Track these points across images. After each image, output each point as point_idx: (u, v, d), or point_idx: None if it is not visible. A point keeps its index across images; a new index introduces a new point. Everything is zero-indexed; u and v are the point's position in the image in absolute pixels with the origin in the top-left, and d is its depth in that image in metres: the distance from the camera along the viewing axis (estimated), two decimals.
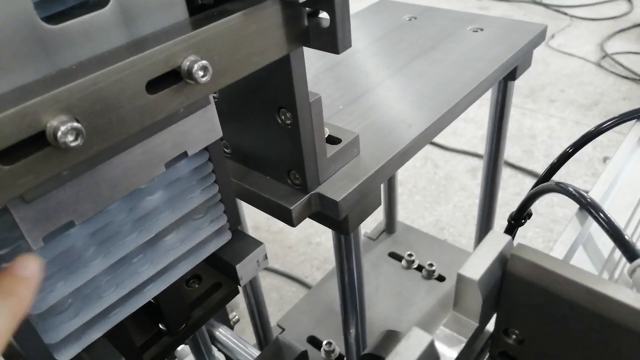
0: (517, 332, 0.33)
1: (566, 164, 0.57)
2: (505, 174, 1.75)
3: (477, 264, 0.30)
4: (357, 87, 0.65)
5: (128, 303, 0.39)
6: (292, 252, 1.62)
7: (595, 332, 0.29)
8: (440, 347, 0.30)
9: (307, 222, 0.51)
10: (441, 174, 1.85)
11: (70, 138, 0.26)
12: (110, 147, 0.29)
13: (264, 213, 0.51)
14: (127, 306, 0.39)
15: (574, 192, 0.41)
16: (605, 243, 0.42)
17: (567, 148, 0.59)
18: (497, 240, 0.31)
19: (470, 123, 2.06)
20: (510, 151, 1.88)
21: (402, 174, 1.84)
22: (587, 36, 2.57)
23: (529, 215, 0.54)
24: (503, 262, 0.31)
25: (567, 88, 2.21)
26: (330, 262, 1.52)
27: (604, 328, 0.28)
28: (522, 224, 0.54)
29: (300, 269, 1.57)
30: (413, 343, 0.26)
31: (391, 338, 0.38)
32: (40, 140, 0.26)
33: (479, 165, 1.85)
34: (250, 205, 0.53)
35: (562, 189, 0.43)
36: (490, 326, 0.36)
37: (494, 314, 0.34)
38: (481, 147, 1.93)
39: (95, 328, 0.37)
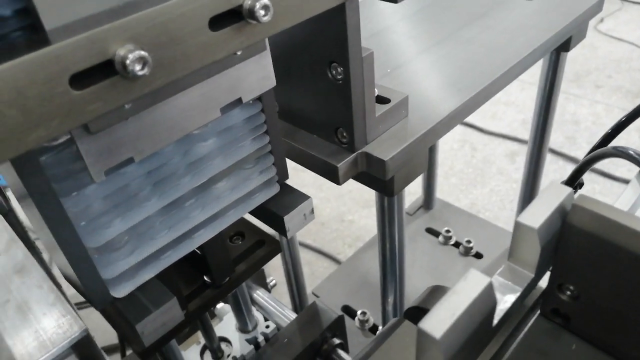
0: (572, 287, 0.32)
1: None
2: (546, 159, 1.71)
3: (537, 212, 0.29)
4: (405, 52, 0.64)
5: (179, 247, 0.40)
6: (325, 228, 1.63)
7: None
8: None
9: (341, 199, 0.50)
10: (479, 157, 1.81)
11: (137, 67, 0.27)
12: (173, 81, 0.30)
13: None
14: (178, 250, 0.40)
15: (634, 155, 0.40)
16: None
17: (622, 118, 0.57)
18: (557, 191, 0.30)
19: (511, 106, 2.00)
20: (552, 136, 1.81)
21: (438, 155, 1.82)
22: (637, 21, 2.46)
23: (581, 185, 0.52)
24: (563, 214, 0.30)
25: (614, 74, 2.13)
26: (362, 240, 1.52)
27: None
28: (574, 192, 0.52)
29: (333, 246, 1.58)
30: (471, 284, 0.26)
31: (437, 292, 0.38)
32: (108, 69, 0.27)
33: (518, 149, 1.81)
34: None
35: (621, 152, 0.41)
36: (542, 284, 0.35)
37: (549, 269, 0.33)
38: (521, 131, 1.88)
39: (148, 268, 0.38)
